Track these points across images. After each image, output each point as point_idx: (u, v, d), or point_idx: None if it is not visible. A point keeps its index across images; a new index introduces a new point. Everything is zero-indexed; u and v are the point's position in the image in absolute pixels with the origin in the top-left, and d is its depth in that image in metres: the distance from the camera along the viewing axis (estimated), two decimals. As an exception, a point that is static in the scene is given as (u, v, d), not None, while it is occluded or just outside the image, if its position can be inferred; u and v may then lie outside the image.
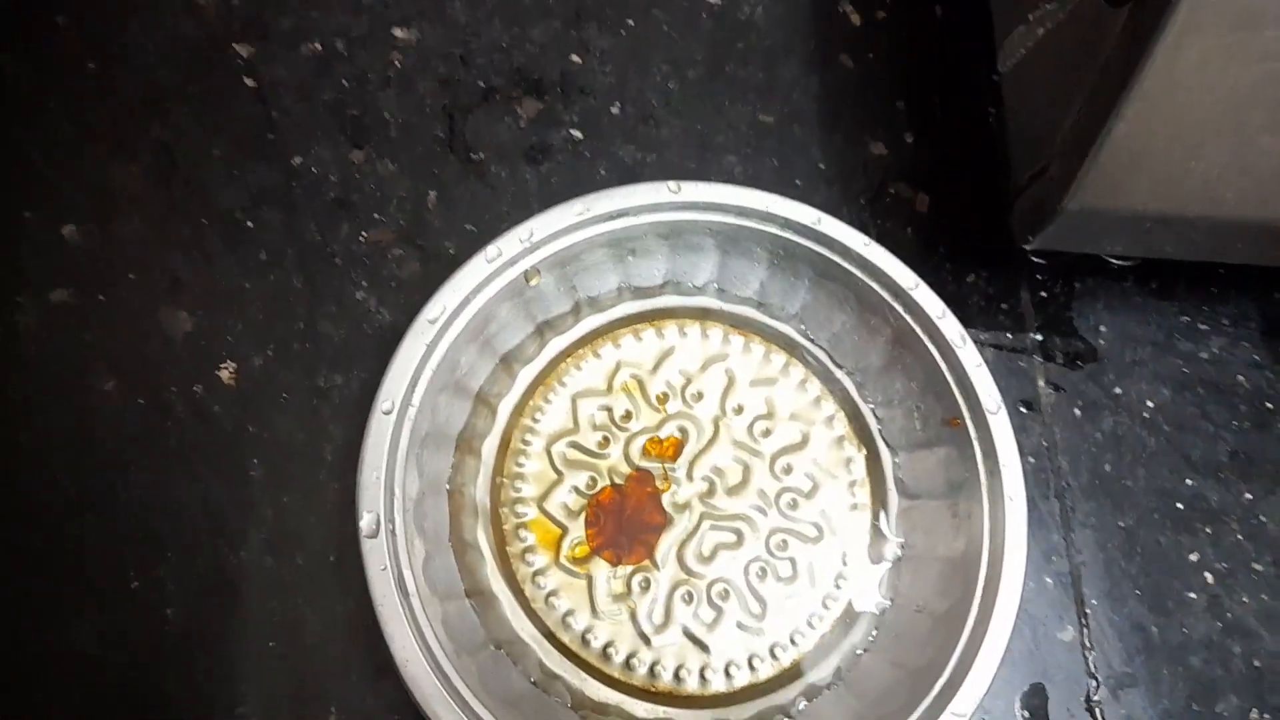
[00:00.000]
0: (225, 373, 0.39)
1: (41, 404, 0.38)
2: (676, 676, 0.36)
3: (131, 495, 0.37)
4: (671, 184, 0.40)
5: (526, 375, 0.41)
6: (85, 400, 0.38)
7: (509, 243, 0.38)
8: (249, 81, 0.45)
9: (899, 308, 0.39)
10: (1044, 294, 0.46)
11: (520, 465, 0.39)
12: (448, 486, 0.38)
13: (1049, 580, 0.41)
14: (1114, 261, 0.47)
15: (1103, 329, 0.46)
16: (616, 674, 0.36)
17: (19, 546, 0.36)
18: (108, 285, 0.40)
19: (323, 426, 0.39)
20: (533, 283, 0.39)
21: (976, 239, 0.46)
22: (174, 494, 0.37)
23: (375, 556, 0.33)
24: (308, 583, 0.37)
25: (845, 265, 0.40)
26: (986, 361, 0.39)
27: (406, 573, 0.33)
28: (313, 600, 0.37)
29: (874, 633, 0.37)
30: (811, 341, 0.42)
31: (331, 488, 0.38)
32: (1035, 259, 0.47)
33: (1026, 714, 0.39)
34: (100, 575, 0.36)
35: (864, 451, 0.41)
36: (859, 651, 0.37)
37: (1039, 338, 0.45)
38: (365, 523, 0.33)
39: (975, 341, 0.39)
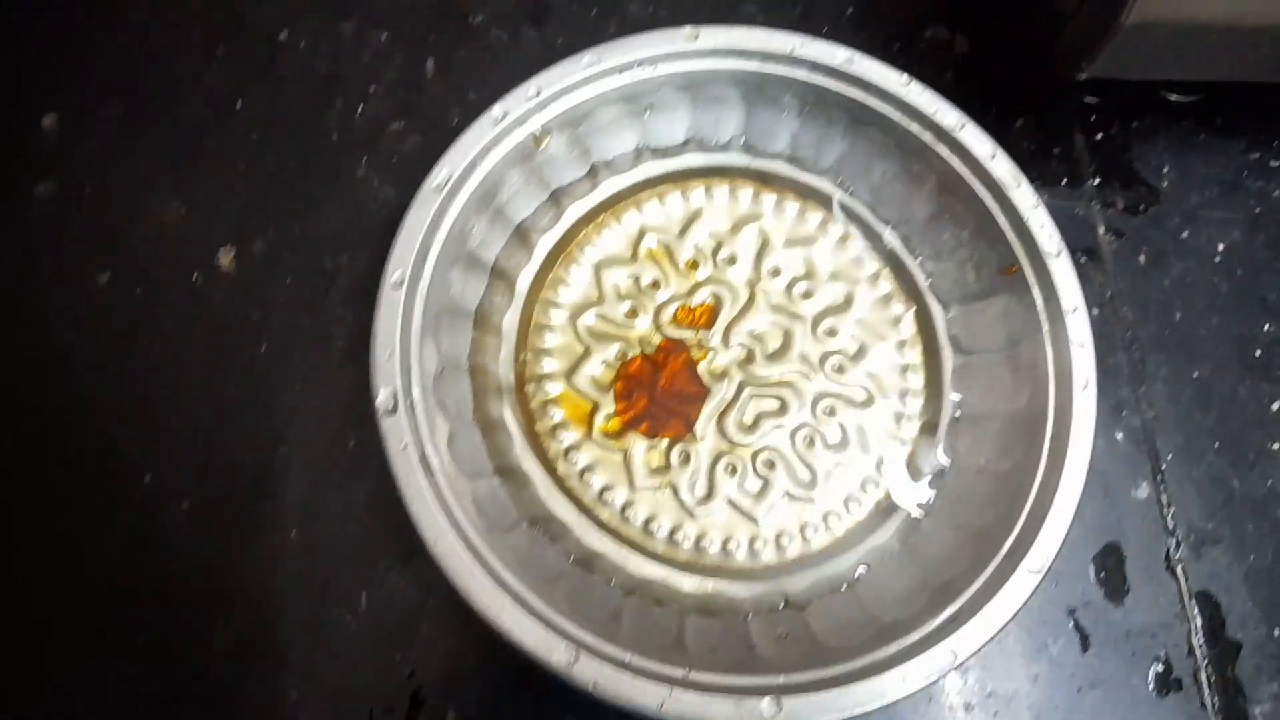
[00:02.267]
0: (224, 259, 0.37)
1: (30, 296, 0.36)
2: (724, 550, 0.34)
3: (133, 389, 0.35)
4: (688, 29, 0.37)
5: (544, 245, 0.38)
6: (78, 294, 0.36)
7: (515, 101, 0.35)
8: (227, -45, 0.42)
9: (944, 151, 0.36)
10: (1099, 136, 0.43)
11: (544, 339, 0.37)
12: (468, 364, 0.35)
13: (1119, 436, 0.38)
14: (1173, 98, 0.43)
15: (1165, 170, 0.42)
16: (660, 549, 0.34)
17: (18, 443, 0.34)
18: (93, 176, 0.37)
19: (331, 309, 0.37)
20: (541, 145, 0.36)
21: (1023, 81, 0.43)
22: (178, 386, 0.35)
23: (395, 434, 0.31)
24: (326, 469, 0.35)
25: (883, 109, 0.37)
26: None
27: (430, 449, 0.31)
28: (333, 486, 0.35)
29: (932, 496, 0.35)
30: (850, 195, 0.39)
31: (344, 372, 0.36)
32: (1088, 100, 0.43)
33: (1102, 574, 0.36)
34: (107, 470, 0.34)
35: (913, 308, 0.38)
36: (917, 516, 0.35)
37: (1096, 183, 0.42)
38: (382, 398, 0.31)
39: (1028, 188, 0.36)
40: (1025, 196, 0.35)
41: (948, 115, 0.36)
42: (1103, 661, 0.35)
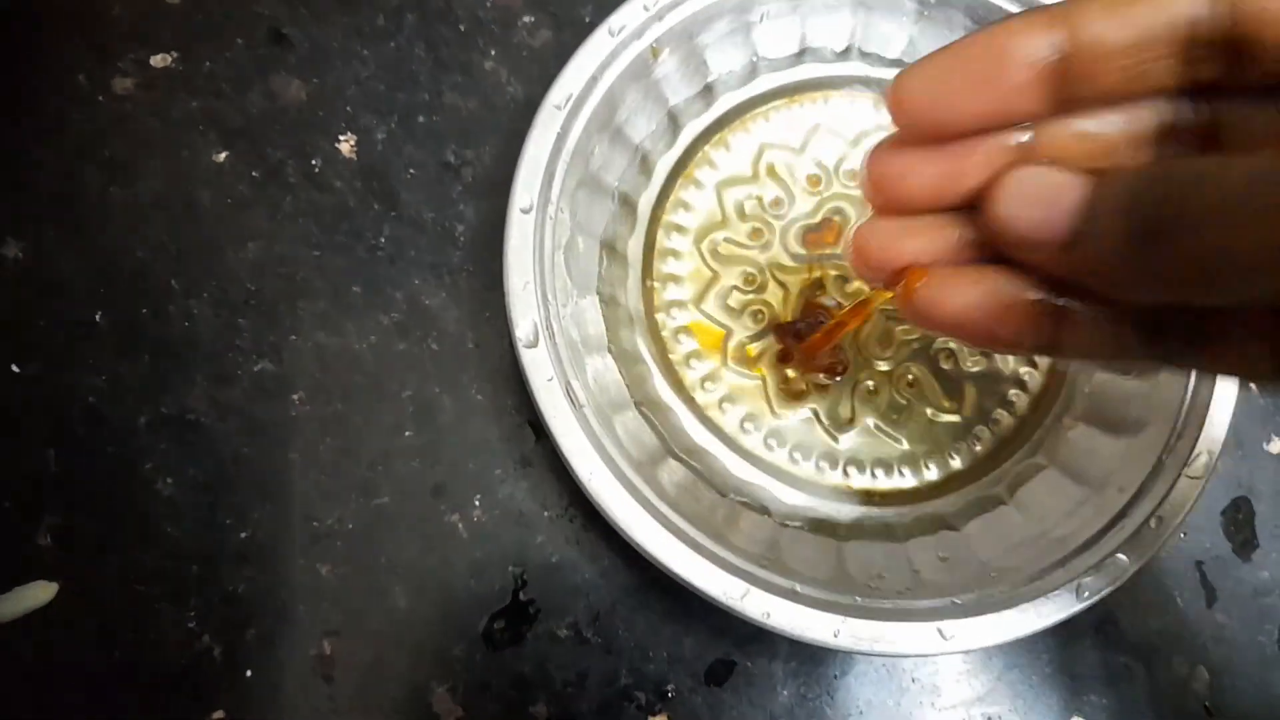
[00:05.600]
0: (345, 145, 0.35)
1: (143, 166, 0.34)
2: (872, 474, 0.33)
3: (242, 264, 0.34)
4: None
5: (664, 166, 0.36)
6: (192, 169, 0.34)
7: (632, 13, 0.34)
8: None
9: None
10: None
11: (670, 265, 0.35)
12: (597, 293, 0.34)
13: (1253, 386, 0.37)
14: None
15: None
16: (806, 476, 0.33)
17: (119, 310, 0.33)
18: (213, 50, 0.35)
19: (453, 204, 0.35)
20: (659, 58, 0.35)
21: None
22: (291, 267, 0.34)
23: (539, 367, 0.29)
24: (443, 369, 0.34)
25: (1009, 8, 0.35)
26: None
27: (574, 382, 0.30)
28: (450, 388, 0.33)
29: (1077, 406, 0.34)
30: None
31: (466, 270, 0.34)
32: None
33: (1231, 529, 0.35)
34: (211, 347, 0.33)
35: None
36: (1063, 427, 0.33)
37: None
38: (522, 330, 0.30)
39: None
40: None
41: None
42: (1228, 617, 0.34)
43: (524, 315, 0.30)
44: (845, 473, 0.33)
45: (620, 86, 0.34)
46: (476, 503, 0.33)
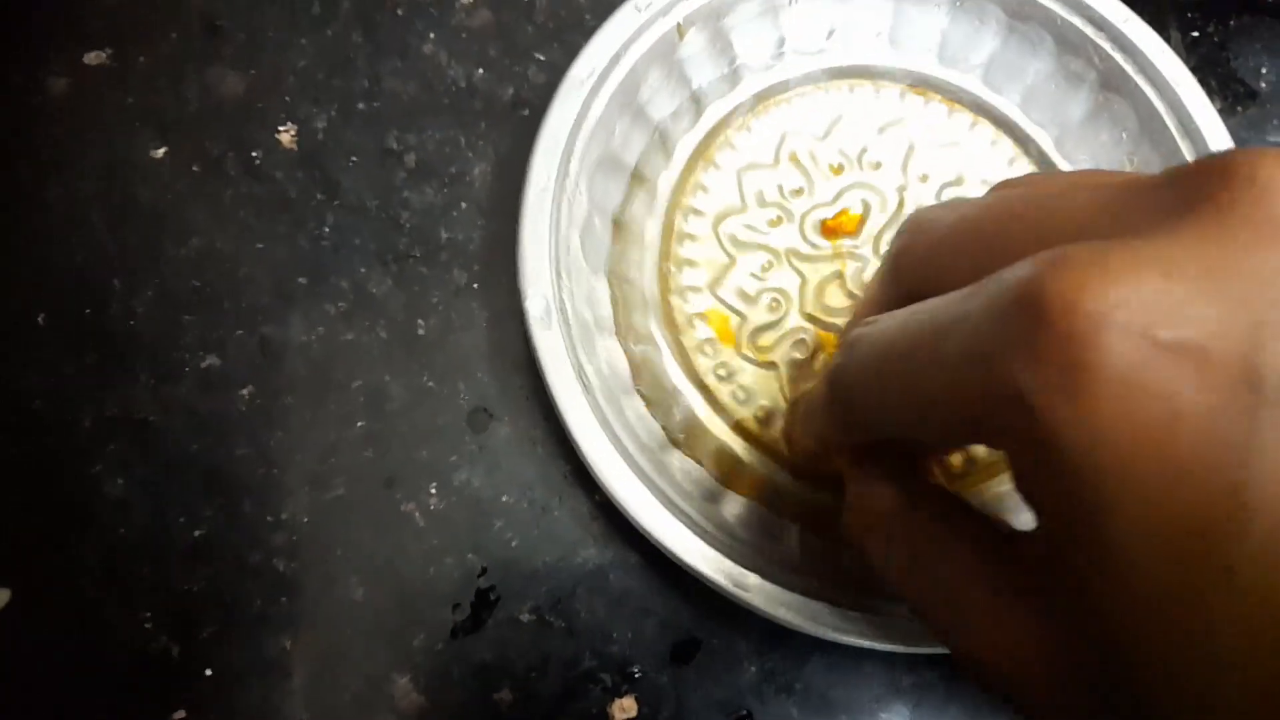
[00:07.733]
0: (285, 135, 0.35)
1: (78, 165, 0.34)
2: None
3: (185, 260, 0.33)
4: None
5: (685, 148, 0.36)
6: (129, 166, 0.34)
7: None
8: None
9: (1108, 46, 0.35)
10: (1195, 34, 0.41)
11: (687, 249, 0.34)
12: (608, 274, 0.33)
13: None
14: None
15: (1264, 70, 0.40)
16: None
17: (61, 310, 0.33)
18: (146, 45, 0.35)
19: (396, 191, 0.35)
20: (683, 37, 0.34)
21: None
22: (234, 261, 0.33)
23: (551, 348, 0.29)
24: (393, 357, 0.33)
25: (1043, 2, 0.35)
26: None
27: (586, 365, 0.29)
28: (400, 374, 0.33)
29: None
30: (1001, 96, 0.37)
31: (411, 256, 0.34)
32: (1184, -6, 0.41)
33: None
34: (156, 345, 0.32)
35: (1070, 212, 0.36)
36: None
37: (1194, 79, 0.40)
38: (534, 305, 0.29)
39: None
40: (1193, 94, 0.34)
41: (1113, 7, 0.35)
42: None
43: (538, 294, 0.30)
44: None
45: (644, 66, 0.34)
46: (432, 491, 0.32)
